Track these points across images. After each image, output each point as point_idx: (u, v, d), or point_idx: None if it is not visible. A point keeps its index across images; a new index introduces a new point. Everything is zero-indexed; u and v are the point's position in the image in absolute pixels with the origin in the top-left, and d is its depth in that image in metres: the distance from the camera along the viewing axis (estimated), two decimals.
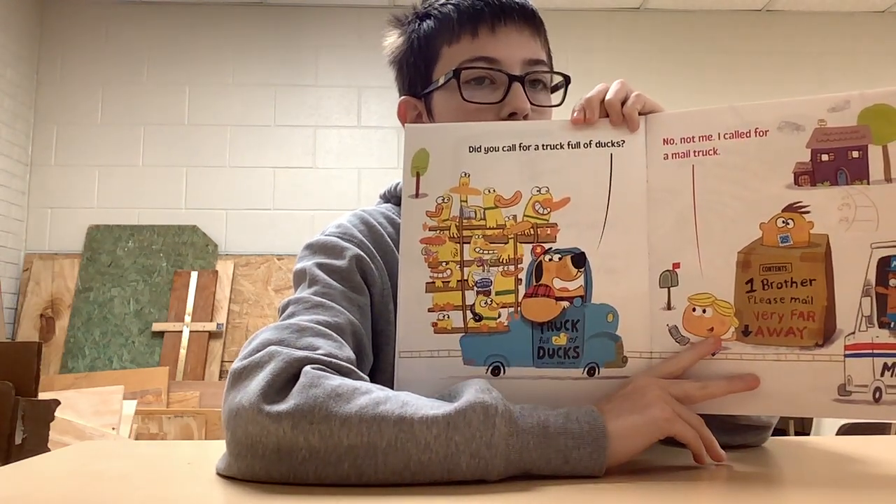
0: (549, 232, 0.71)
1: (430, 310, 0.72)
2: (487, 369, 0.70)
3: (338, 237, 0.83)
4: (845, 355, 0.65)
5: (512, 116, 0.84)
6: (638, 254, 0.70)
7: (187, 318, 3.62)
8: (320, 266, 0.79)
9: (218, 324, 3.62)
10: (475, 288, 0.72)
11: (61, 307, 3.67)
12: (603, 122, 0.73)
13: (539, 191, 0.72)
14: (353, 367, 0.66)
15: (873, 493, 0.60)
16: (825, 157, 0.67)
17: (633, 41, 4.10)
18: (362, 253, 0.81)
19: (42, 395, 1.76)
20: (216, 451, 0.66)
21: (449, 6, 0.89)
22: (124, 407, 2.92)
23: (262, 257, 3.81)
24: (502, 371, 0.70)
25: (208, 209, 3.87)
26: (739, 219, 0.68)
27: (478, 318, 0.71)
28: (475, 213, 0.73)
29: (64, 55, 3.96)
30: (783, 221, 0.67)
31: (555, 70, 0.91)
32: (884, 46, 4.19)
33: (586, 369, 0.69)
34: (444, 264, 0.72)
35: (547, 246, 0.71)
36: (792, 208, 0.67)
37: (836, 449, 0.83)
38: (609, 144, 0.72)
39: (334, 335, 0.70)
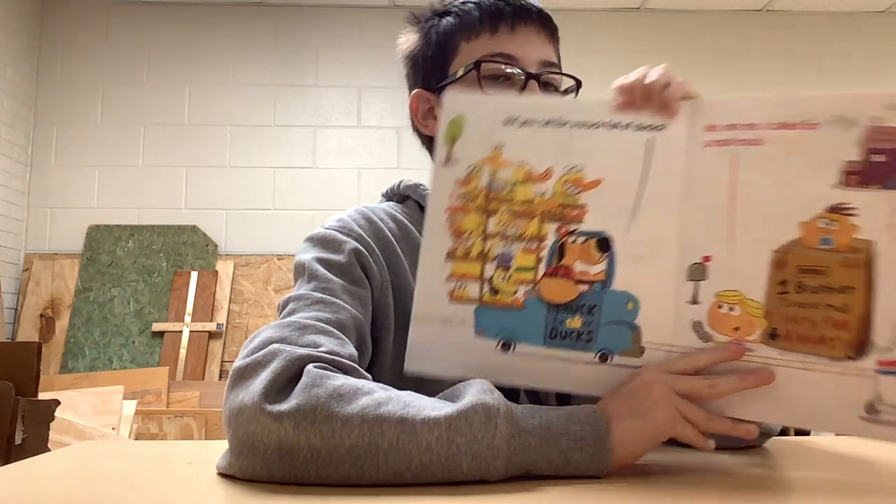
0: (576, 213, 0.69)
1: (448, 277, 0.71)
2: (498, 343, 0.69)
3: (336, 231, 0.84)
4: (877, 371, 0.60)
5: None
6: (667, 243, 0.67)
7: (187, 318, 3.62)
8: (320, 261, 0.80)
9: (218, 324, 3.62)
10: (495, 261, 0.70)
11: (61, 307, 3.67)
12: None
13: (571, 169, 0.70)
14: (355, 365, 0.66)
15: (873, 493, 0.59)
16: (878, 158, 0.62)
17: (633, 41, 4.10)
18: (360, 246, 0.82)
19: (42, 395, 1.76)
20: (216, 451, 0.65)
21: (470, 4, 0.91)
22: (124, 407, 2.91)
23: (262, 257, 3.81)
24: (512, 347, 0.69)
25: (208, 209, 3.87)
26: (778, 215, 0.64)
27: (494, 291, 0.70)
28: (504, 186, 0.71)
29: (64, 55, 3.96)
30: (826, 222, 0.63)
31: (567, 73, 0.93)
32: (884, 46, 4.19)
33: (598, 355, 0.68)
34: (467, 234, 0.71)
35: (572, 227, 0.69)
36: (836, 209, 0.62)
37: (837, 449, 0.83)
38: (649, 128, 0.69)
39: (336, 332, 0.71)
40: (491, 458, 0.58)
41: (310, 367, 0.62)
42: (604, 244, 0.69)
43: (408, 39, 0.97)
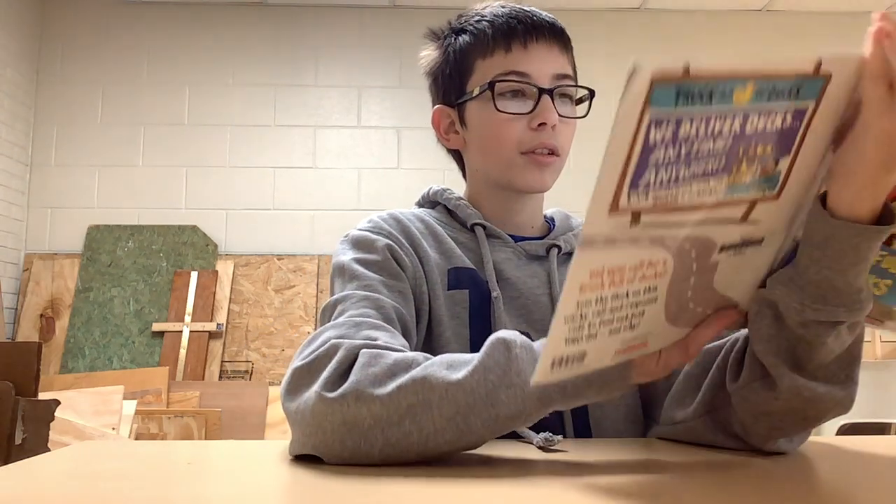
0: None
1: None
2: None
3: (368, 231, 0.91)
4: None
5: (541, 126, 0.91)
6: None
7: (187, 318, 3.62)
8: (358, 261, 0.86)
9: (218, 324, 3.62)
10: None
11: (61, 307, 3.67)
12: None
13: None
14: (406, 351, 0.71)
15: (873, 493, 0.60)
16: None
17: (633, 41, 4.10)
18: (392, 242, 0.89)
19: (42, 395, 1.76)
20: (216, 451, 0.66)
21: (484, 22, 0.95)
22: (124, 407, 2.92)
23: (262, 257, 3.81)
24: None
25: (208, 209, 3.87)
26: None
27: None
28: None
29: (64, 55, 3.96)
30: None
31: (580, 84, 0.96)
32: None
33: None
34: None
35: None
36: None
37: (836, 449, 0.83)
38: None
39: (386, 326, 0.77)
40: (521, 384, 0.63)
41: (364, 350, 0.67)
42: None
43: (429, 55, 1.02)
